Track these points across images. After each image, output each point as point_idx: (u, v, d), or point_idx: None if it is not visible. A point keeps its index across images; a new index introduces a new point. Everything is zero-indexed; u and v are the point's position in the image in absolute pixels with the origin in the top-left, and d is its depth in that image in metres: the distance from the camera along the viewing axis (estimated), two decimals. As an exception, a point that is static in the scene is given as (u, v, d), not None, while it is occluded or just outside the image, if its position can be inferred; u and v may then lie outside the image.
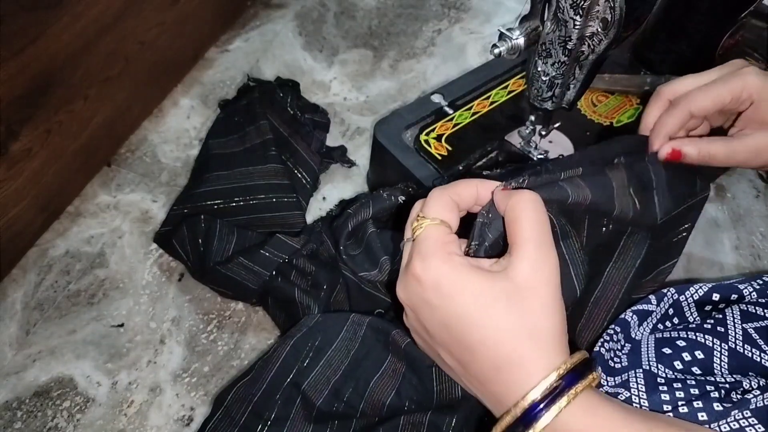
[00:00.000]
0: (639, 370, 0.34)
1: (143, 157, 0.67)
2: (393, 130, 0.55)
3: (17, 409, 0.49)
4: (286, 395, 0.44)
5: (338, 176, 0.66)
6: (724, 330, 0.35)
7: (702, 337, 0.36)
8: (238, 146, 0.62)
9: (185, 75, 0.76)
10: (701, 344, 0.35)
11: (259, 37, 0.81)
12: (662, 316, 0.39)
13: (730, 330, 0.35)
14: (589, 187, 0.33)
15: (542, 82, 0.45)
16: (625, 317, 0.39)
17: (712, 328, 0.36)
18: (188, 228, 0.54)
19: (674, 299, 0.39)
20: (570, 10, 0.39)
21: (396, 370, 0.43)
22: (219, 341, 0.53)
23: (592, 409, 0.25)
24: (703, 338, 0.36)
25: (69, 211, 0.62)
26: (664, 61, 0.61)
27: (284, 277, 0.51)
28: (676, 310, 0.39)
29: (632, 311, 0.39)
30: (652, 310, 0.39)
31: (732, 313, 0.36)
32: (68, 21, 0.54)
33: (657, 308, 0.39)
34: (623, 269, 0.38)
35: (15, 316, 0.54)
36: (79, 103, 0.59)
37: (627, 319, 0.38)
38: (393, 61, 0.78)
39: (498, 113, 0.58)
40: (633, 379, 0.33)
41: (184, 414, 0.49)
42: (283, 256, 0.50)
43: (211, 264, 0.52)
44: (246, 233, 0.54)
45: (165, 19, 0.68)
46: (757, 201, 0.64)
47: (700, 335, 0.36)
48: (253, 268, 0.50)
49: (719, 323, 0.36)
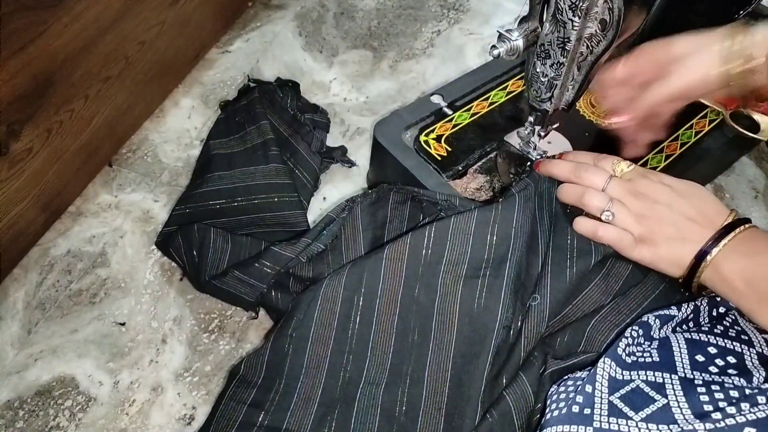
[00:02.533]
0: (675, 377, 0.34)
1: (144, 157, 0.67)
2: (393, 131, 0.56)
3: (19, 408, 0.49)
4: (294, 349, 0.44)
5: (338, 176, 0.66)
6: (747, 338, 0.37)
7: (731, 343, 0.37)
8: (239, 146, 0.62)
9: (186, 75, 0.76)
10: (731, 350, 0.36)
11: (260, 37, 0.81)
12: (682, 321, 0.40)
13: (753, 338, 0.37)
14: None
15: (541, 83, 0.45)
16: (648, 320, 0.39)
17: (737, 336, 0.37)
18: (183, 237, 0.54)
19: (694, 305, 0.40)
20: (569, 12, 0.39)
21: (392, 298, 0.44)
22: (220, 340, 0.53)
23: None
24: (732, 344, 0.37)
25: (70, 211, 0.62)
26: (662, 62, 0.61)
27: (281, 287, 0.50)
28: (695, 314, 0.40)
29: (655, 315, 0.39)
30: (674, 314, 0.40)
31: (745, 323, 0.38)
32: (68, 21, 0.54)
33: (679, 313, 0.40)
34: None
35: (17, 315, 0.54)
36: (79, 103, 0.59)
37: (650, 322, 0.39)
38: (392, 62, 0.79)
39: (497, 114, 0.58)
40: (669, 386, 0.33)
41: (185, 413, 0.49)
42: (277, 267, 0.49)
43: (206, 278, 0.51)
44: (241, 242, 0.53)
45: (165, 19, 0.68)
46: (756, 202, 0.64)
47: (729, 342, 0.37)
48: (248, 281, 0.50)
49: (742, 333, 0.37)
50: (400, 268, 0.43)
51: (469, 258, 0.42)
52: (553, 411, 0.34)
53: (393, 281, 0.43)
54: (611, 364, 0.35)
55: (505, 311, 0.40)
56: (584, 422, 0.32)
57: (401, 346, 0.43)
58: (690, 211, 0.40)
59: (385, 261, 0.44)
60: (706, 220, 0.40)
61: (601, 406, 0.33)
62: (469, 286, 0.42)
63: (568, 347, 0.41)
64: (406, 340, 0.43)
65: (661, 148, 0.55)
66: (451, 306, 0.42)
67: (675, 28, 0.59)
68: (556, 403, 0.35)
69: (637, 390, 0.33)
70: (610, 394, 0.33)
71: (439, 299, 0.42)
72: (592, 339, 0.41)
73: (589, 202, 0.43)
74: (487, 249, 0.42)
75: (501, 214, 0.43)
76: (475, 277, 0.42)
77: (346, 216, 0.51)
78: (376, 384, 0.43)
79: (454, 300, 0.42)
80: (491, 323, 0.40)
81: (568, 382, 0.36)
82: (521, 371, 0.40)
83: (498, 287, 0.41)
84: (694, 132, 0.57)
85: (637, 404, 0.32)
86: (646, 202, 0.42)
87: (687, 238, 0.40)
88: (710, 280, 0.39)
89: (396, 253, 0.43)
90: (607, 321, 0.41)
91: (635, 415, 0.31)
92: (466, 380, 0.40)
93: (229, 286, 0.51)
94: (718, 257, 0.38)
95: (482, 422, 0.38)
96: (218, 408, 0.45)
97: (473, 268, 0.42)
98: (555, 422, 0.33)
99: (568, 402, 0.34)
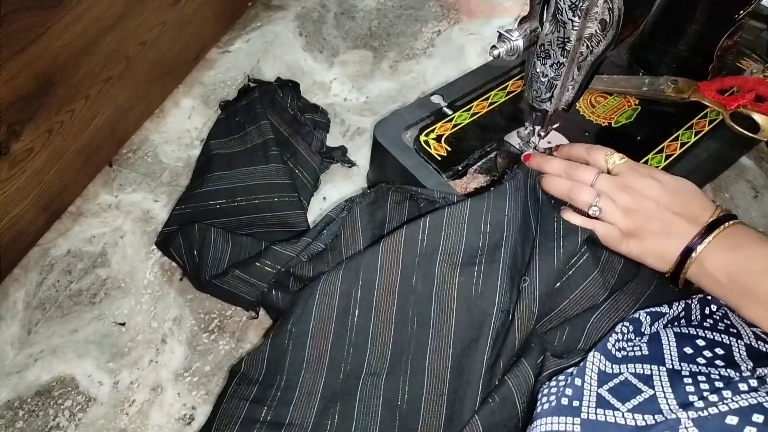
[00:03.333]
0: (663, 368, 0.34)
1: (145, 157, 0.67)
2: (393, 131, 0.56)
3: (19, 408, 0.49)
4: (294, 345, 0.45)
5: (338, 176, 0.66)
6: (736, 331, 0.37)
7: (719, 336, 0.37)
8: (239, 146, 0.62)
9: (186, 75, 0.76)
10: (719, 342, 0.37)
11: (260, 37, 0.81)
12: (674, 318, 0.40)
13: (741, 331, 0.37)
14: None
15: (541, 83, 0.45)
16: (639, 317, 0.39)
17: (726, 329, 0.38)
18: (183, 237, 0.54)
19: (685, 303, 0.40)
20: (569, 12, 0.39)
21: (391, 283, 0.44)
22: (220, 340, 0.53)
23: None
24: (720, 337, 0.37)
25: (71, 211, 0.62)
26: (662, 62, 0.61)
27: (282, 287, 0.50)
28: (687, 311, 0.40)
29: (646, 312, 0.40)
30: (665, 312, 0.40)
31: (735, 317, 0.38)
32: (69, 21, 0.55)
33: (670, 311, 0.40)
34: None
35: (17, 315, 0.54)
36: (80, 103, 0.59)
37: (641, 318, 0.39)
38: (393, 62, 0.79)
39: (497, 114, 0.58)
40: (657, 377, 0.34)
41: (185, 413, 0.49)
42: (278, 267, 0.49)
43: (207, 278, 0.52)
44: (241, 242, 0.53)
45: (166, 19, 0.68)
46: (755, 201, 0.64)
47: (717, 335, 0.37)
48: (249, 280, 0.50)
49: (731, 327, 0.38)
50: (397, 260, 0.44)
51: (464, 246, 0.43)
52: (543, 404, 0.35)
53: (390, 273, 0.44)
54: (600, 358, 0.36)
55: (502, 296, 0.41)
56: (572, 414, 0.32)
57: (401, 336, 0.43)
58: (677, 207, 0.41)
59: (382, 253, 0.44)
60: (693, 215, 0.40)
61: (590, 398, 0.33)
62: (466, 273, 0.42)
63: (566, 344, 0.42)
64: (406, 330, 0.43)
65: (661, 148, 0.55)
66: (449, 294, 0.42)
67: (675, 28, 0.59)
68: (547, 397, 0.35)
69: (625, 382, 0.34)
70: (598, 387, 0.34)
71: (436, 288, 0.43)
72: (591, 336, 0.41)
73: (576, 197, 0.43)
74: (481, 237, 0.43)
75: (493, 203, 0.44)
76: (471, 265, 0.42)
77: (346, 216, 0.51)
78: (377, 375, 0.43)
79: (452, 288, 0.42)
80: (489, 308, 0.41)
81: (560, 376, 0.37)
82: (523, 357, 0.40)
83: (494, 273, 0.41)
84: (694, 132, 0.57)
85: (624, 396, 0.33)
86: (634, 196, 0.42)
87: (673, 234, 0.40)
88: (695, 275, 0.39)
89: (392, 245, 0.44)
90: (606, 318, 0.41)
91: (622, 406, 0.32)
92: (466, 365, 0.40)
93: (229, 285, 0.51)
94: (703, 253, 0.38)
95: (483, 405, 0.38)
96: (220, 406, 0.45)
97: (469, 256, 0.43)
98: (544, 414, 0.33)
99: (558, 395, 0.34)
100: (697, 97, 0.57)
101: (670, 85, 0.58)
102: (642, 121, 0.58)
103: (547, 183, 0.46)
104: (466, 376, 0.40)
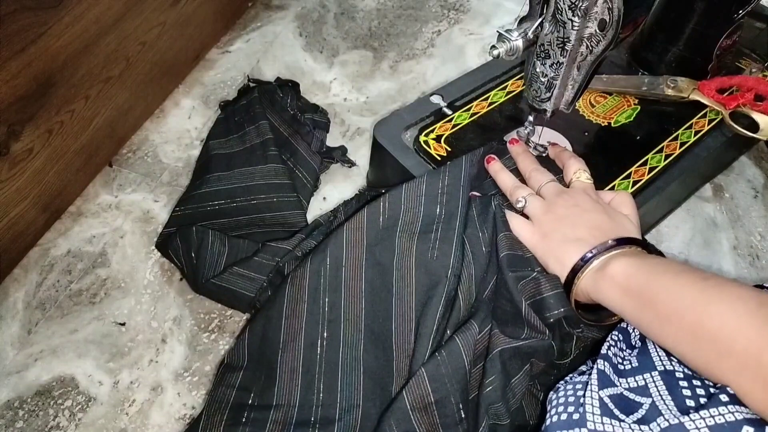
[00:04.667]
0: (655, 373, 0.34)
1: (145, 157, 0.67)
2: (392, 131, 0.56)
3: (19, 408, 0.49)
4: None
5: (338, 176, 0.66)
6: None
7: None
8: (239, 146, 0.62)
9: (186, 76, 0.76)
10: None
11: (260, 38, 0.81)
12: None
13: None
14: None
15: (541, 83, 0.45)
16: (627, 326, 0.39)
17: None
18: (181, 239, 0.54)
19: None
20: (568, 12, 0.39)
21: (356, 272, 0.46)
22: (220, 340, 0.53)
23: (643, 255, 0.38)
24: None
25: (71, 211, 0.62)
26: (661, 62, 0.61)
27: (275, 286, 0.51)
28: None
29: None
30: None
31: None
32: (69, 21, 0.55)
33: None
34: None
35: (17, 315, 0.54)
36: (80, 104, 0.59)
37: (628, 329, 0.39)
38: (393, 62, 0.79)
39: (497, 114, 0.58)
40: (652, 384, 0.34)
41: (185, 413, 0.49)
42: (277, 259, 0.51)
43: (203, 280, 0.52)
44: (238, 245, 0.54)
45: (166, 19, 0.68)
46: (755, 201, 0.64)
47: None
48: (248, 275, 0.51)
49: None
50: (361, 237, 0.46)
51: (422, 216, 0.46)
52: (552, 417, 0.35)
53: (355, 249, 0.46)
54: (604, 364, 0.36)
55: (456, 261, 0.43)
56: (578, 425, 0.32)
57: (371, 307, 0.45)
58: (598, 222, 0.40)
59: (346, 232, 0.46)
60: (607, 233, 0.39)
61: (593, 404, 0.33)
62: (423, 239, 0.45)
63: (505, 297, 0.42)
64: (376, 300, 0.45)
65: (661, 147, 0.55)
66: (408, 260, 0.44)
67: (674, 28, 0.59)
68: (555, 409, 0.35)
69: (622, 396, 0.34)
70: (600, 389, 0.34)
71: (397, 256, 0.45)
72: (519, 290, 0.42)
73: (513, 192, 0.46)
74: (438, 206, 0.46)
75: (450, 174, 0.46)
76: (428, 232, 0.45)
77: (333, 220, 0.54)
78: (354, 346, 0.45)
79: (410, 254, 0.44)
80: (444, 270, 0.43)
81: (567, 386, 0.37)
82: (471, 318, 0.41)
83: (449, 239, 0.44)
84: (693, 132, 0.57)
85: (625, 410, 0.33)
86: (566, 204, 0.43)
87: (580, 240, 0.39)
88: (587, 286, 0.38)
89: (355, 223, 0.46)
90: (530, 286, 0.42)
91: (627, 418, 0.32)
92: (421, 323, 0.42)
93: (228, 282, 0.51)
94: (605, 260, 0.37)
95: (431, 359, 0.39)
96: (210, 395, 0.46)
97: (426, 224, 0.45)
98: (554, 428, 0.33)
99: (566, 407, 0.34)
100: (697, 96, 0.57)
101: (670, 85, 0.58)
102: (641, 121, 0.58)
103: (496, 173, 0.48)
104: (420, 331, 0.42)
